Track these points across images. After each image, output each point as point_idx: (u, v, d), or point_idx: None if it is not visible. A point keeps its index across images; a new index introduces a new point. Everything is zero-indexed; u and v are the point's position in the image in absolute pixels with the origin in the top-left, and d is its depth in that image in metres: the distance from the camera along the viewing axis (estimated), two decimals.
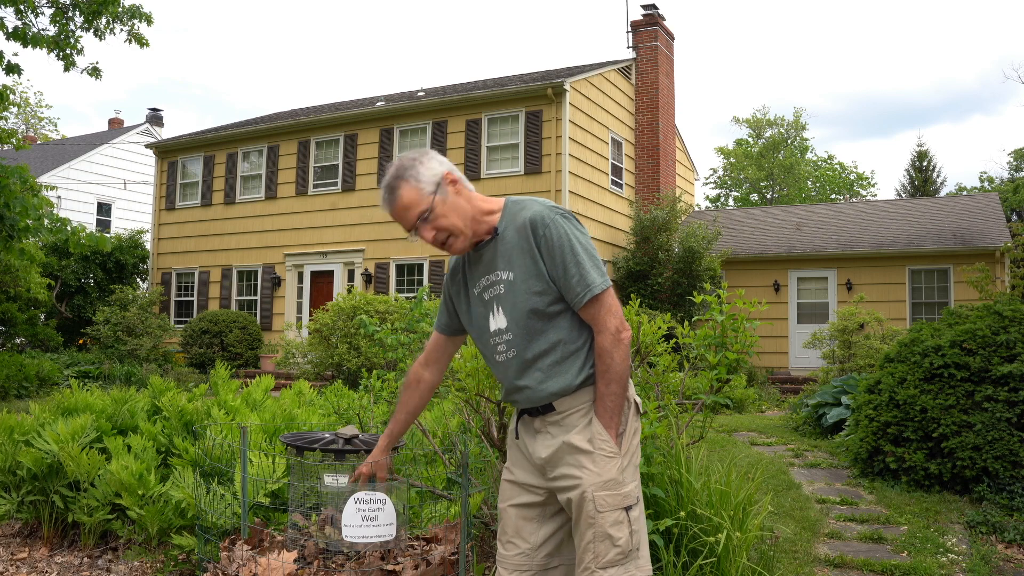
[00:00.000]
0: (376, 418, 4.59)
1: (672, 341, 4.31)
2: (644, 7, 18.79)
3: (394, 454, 3.33)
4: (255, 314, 18.39)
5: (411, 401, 2.55)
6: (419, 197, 2.18)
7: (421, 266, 16.50)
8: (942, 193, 34.06)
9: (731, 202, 43.65)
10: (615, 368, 2.14)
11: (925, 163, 34.66)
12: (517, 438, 2.35)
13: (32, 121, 37.56)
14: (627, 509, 2.17)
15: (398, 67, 77.65)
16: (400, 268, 16.77)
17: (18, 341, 17.59)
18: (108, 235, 20.49)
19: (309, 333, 14.96)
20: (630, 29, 18.79)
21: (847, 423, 7.74)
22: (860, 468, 6.42)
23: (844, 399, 8.52)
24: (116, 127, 30.31)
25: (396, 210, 2.20)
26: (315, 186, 18.03)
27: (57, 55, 10.42)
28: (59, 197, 23.07)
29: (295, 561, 3.09)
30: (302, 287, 18.06)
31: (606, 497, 2.15)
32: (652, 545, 3.46)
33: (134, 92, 73.11)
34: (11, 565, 4.04)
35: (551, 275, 2.16)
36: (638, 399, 2.32)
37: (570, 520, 2.26)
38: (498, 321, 2.24)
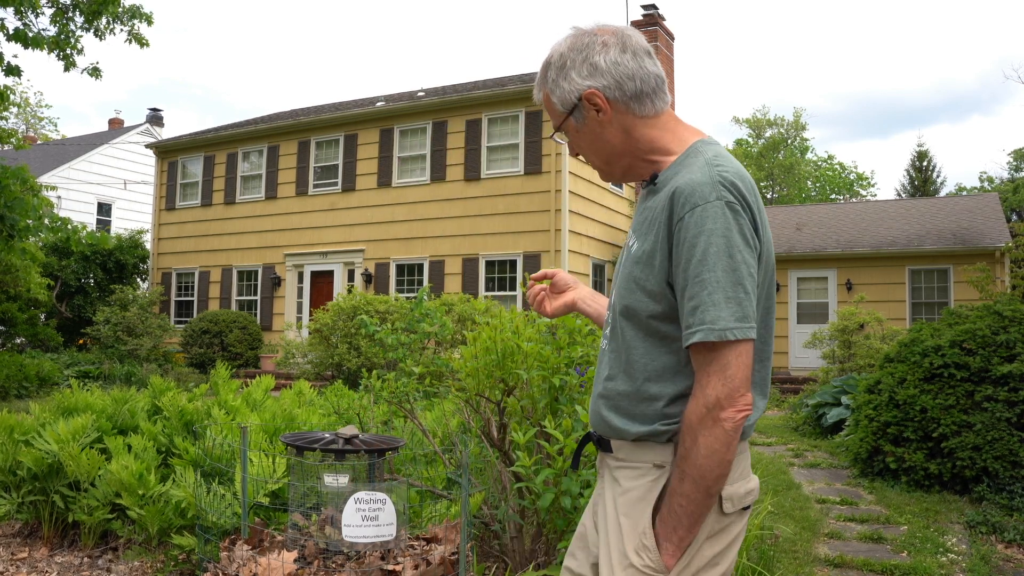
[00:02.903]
0: (376, 418, 4.59)
1: None
2: (644, 7, 18.79)
3: (394, 455, 3.34)
4: (255, 314, 18.39)
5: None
6: (551, 110, 1.64)
7: (421, 266, 16.50)
8: (942, 193, 34.07)
9: None
10: (694, 458, 1.41)
11: (925, 163, 34.66)
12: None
13: (32, 121, 37.57)
14: None
15: (398, 67, 77.68)
16: (400, 268, 16.77)
17: (18, 341, 17.60)
18: (108, 235, 20.50)
19: (309, 333, 14.96)
20: None
21: (847, 423, 7.74)
22: (860, 468, 6.43)
23: (844, 399, 8.52)
24: (116, 127, 30.32)
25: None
26: (315, 186, 18.03)
27: (57, 55, 10.44)
28: (59, 197, 23.07)
29: (295, 561, 3.10)
30: (302, 287, 18.06)
31: None
32: None
33: (134, 92, 73.17)
34: (11, 565, 4.04)
35: (670, 278, 1.47)
36: (732, 490, 1.51)
37: None
38: (613, 299, 1.63)
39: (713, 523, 1.49)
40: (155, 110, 29.58)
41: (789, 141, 42.91)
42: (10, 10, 9.89)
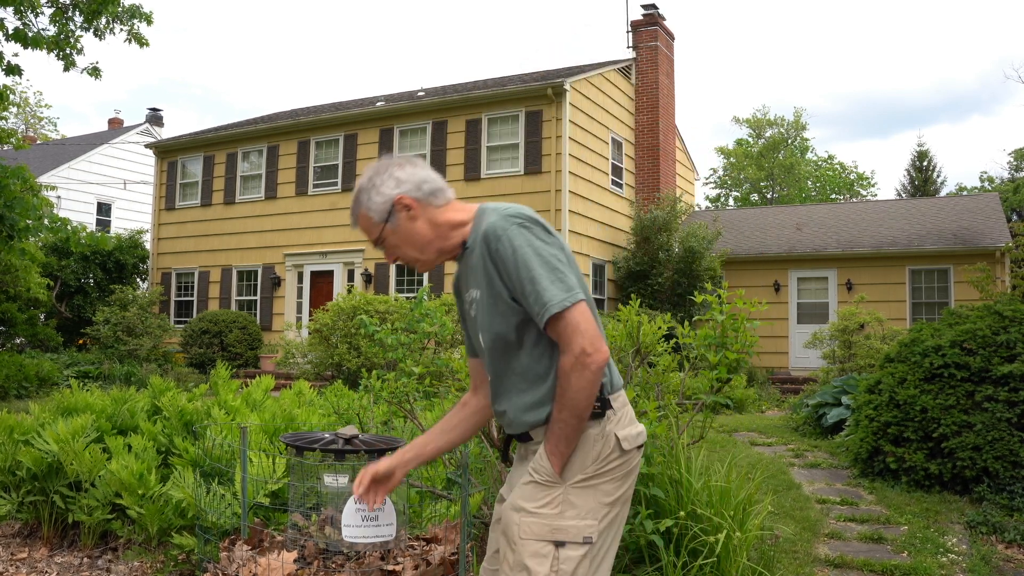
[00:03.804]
0: (376, 418, 4.59)
1: (672, 341, 4.31)
2: (644, 7, 18.79)
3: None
4: (255, 314, 18.38)
5: (453, 419, 2.25)
6: (369, 226, 2.08)
7: None
8: (942, 193, 34.06)
9: (731, 202, 43.65)
10: (569, 394, 1.89)
11: (925, 163, 34.66)
12: (508, 464, 2.12)
13: (32, 121, 37.56)
14: (557, 544, 1.91)
15: (398, 67, 77.67)
16: (400, 268, 16.76)
17: (18, 341, 17.58)
18: (108, 235, 20.48)
19: (309, 333, 14.95)
20: (630, 29, 18.79)
21: (847, 423, 7.74)
22: (860, 468, 6.42)
23: (844, 399, 8.52)
24: (116, 127, 30.31)
25: (359, 229, 2.15)
26: (315, 186, 18.03)
27: (57, 55, 10.43)
28: (59, 197, 23.06)
29: (295, 561, 3.09)
30: (302, 287, 18.05)
31: (531, 524, 1.92)
32: (652, 545, 3.46)
33: (134, 92, 73.12)
34: (11, 565, 4.04)
35: (513, 294, 1.93)
36: (626, 432, 2.01)
37: None
38: (484, 339, 2.07)
39: (617, 460, 1.98)
40: (155, 110, 29.57)
41: (789, 141, 42.89)
42: (10, 10, 9.89)
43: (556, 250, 1.93)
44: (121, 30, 10.67)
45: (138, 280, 20.75)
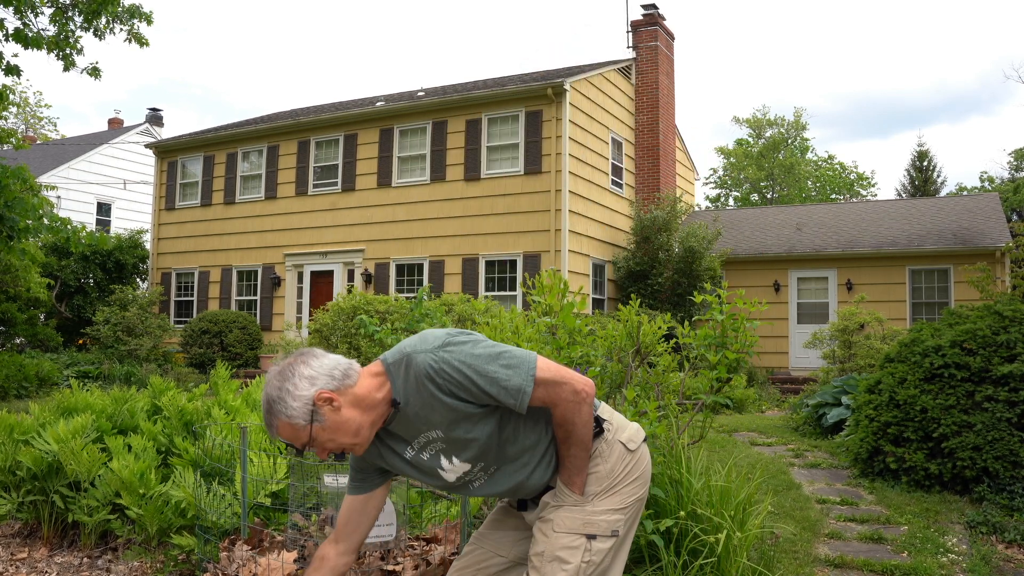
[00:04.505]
0: None
1: (672, 341, 4.31)
2: (644, 7, 18.79)
3: None
4: (255, 314, 18.38)
5: None
6: (295, 432, 2.00)
7: (421, 266, 16.50)
8: (942, 193, 34.05)
9: (731, 202, 43.64)
10: (576, 433, 2.08)
11: (925, 163, 34.65)
12: (524, 509, 2.30)
13: (31, 121, 37.54)
14: (589, 537, 2.09)
15: (398, 67, 77.66)
16: (400, 268, 16.76)
17: (18, 341, 17.58)
18: (108, 235, 20.46)
19: (309, 333, 14.94)
20: (630, 29, 18.79)
21: (847, 423, 7.74)
22: (860, 468, 6.42)
23: (844, 399, 8.52)
24: (116, 127, 30.30)
25: (282, 439, 2.06)
26: (315, 186, 18.03)
27: (57, 55, 10.42)
28: (59, 197, 23.06)
29: (295, 561, 3.10)
30: (302, 287, 18.05)
31: (565, 519, 2.11)
32: (652, 545, 3.46)
33: (134, 92, 73.09)
34: (11, 565, 4.04)
35: (480, 403, 2.02)
36: (627, 435, 2.24)
37: None
38: (458, 467, 2.13)
39: (630, 460, 2.20)
40: (155, 110, 29.56)
41: (789, 141, 42.88)
42: (10, 9, 9.88)
43: (482, 340, 2.05)
44: (121, 30, 10.66)
45: (138, 280, 20.75)
